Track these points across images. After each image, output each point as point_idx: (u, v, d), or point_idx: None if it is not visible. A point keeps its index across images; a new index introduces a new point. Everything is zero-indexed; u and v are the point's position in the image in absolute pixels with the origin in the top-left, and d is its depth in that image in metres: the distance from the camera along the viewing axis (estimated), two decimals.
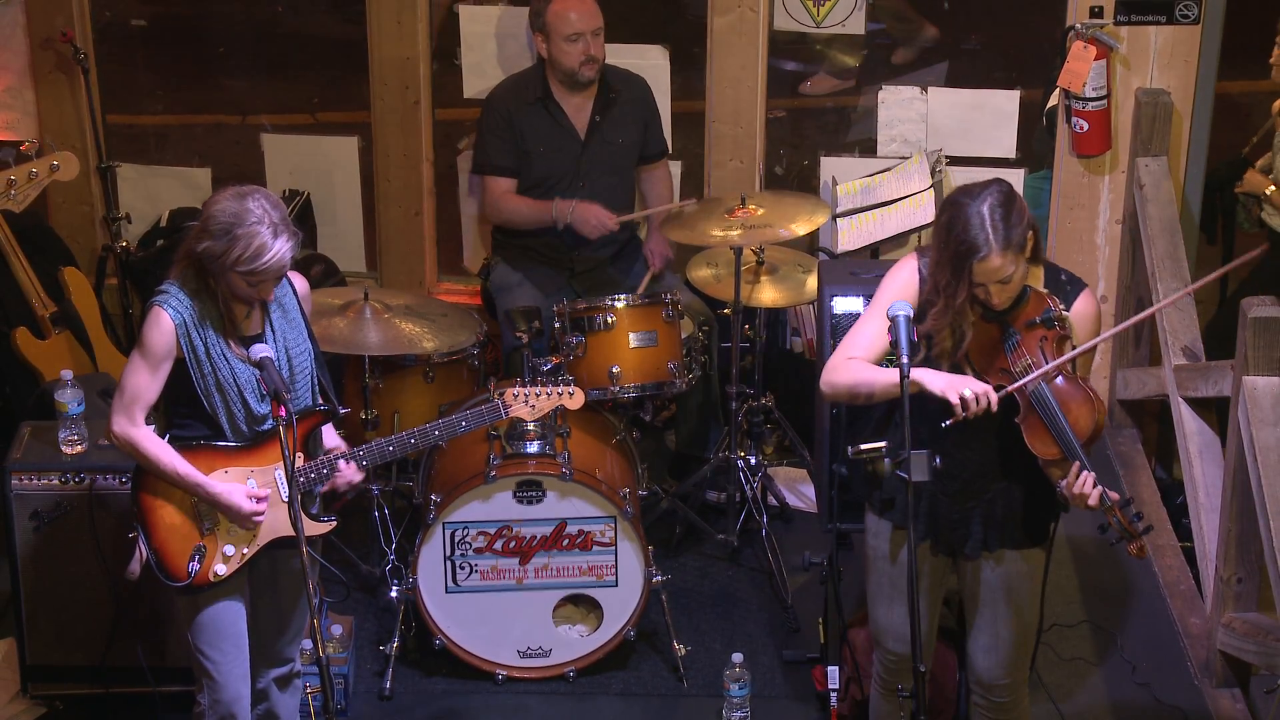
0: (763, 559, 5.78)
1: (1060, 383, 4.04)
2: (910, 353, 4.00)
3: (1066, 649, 5.44)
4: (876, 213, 6.16)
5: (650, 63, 6.47)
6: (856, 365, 4.19)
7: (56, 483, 4.96)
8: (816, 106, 7.05)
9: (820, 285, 5.02)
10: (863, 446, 4.13)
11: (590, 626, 5.33)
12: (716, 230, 5.57)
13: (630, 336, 5.48)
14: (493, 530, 5.19)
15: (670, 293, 5.60)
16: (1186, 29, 6.17)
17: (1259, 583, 5.07)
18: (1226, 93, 6.49)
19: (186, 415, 4.27)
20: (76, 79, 6.50)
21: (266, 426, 4.29)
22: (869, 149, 6.61)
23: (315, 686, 4.91)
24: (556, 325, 5.55)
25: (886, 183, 6.29)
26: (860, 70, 6.82)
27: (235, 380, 4.22)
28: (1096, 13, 6.13)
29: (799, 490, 6.17)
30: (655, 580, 5.25)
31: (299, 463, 4.26)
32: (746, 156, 6.50)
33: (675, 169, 6.49)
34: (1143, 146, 6.16)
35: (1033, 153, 6.58)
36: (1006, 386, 4.04)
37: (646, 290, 5.99)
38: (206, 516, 4.29)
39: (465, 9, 6.54)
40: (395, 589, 5.32)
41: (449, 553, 5.19)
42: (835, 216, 6.20)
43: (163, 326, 4.15)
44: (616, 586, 5.26)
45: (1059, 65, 6.15)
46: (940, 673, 4.88)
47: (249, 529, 4.30)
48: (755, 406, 5.92)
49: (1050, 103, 6.39)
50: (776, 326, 6.44)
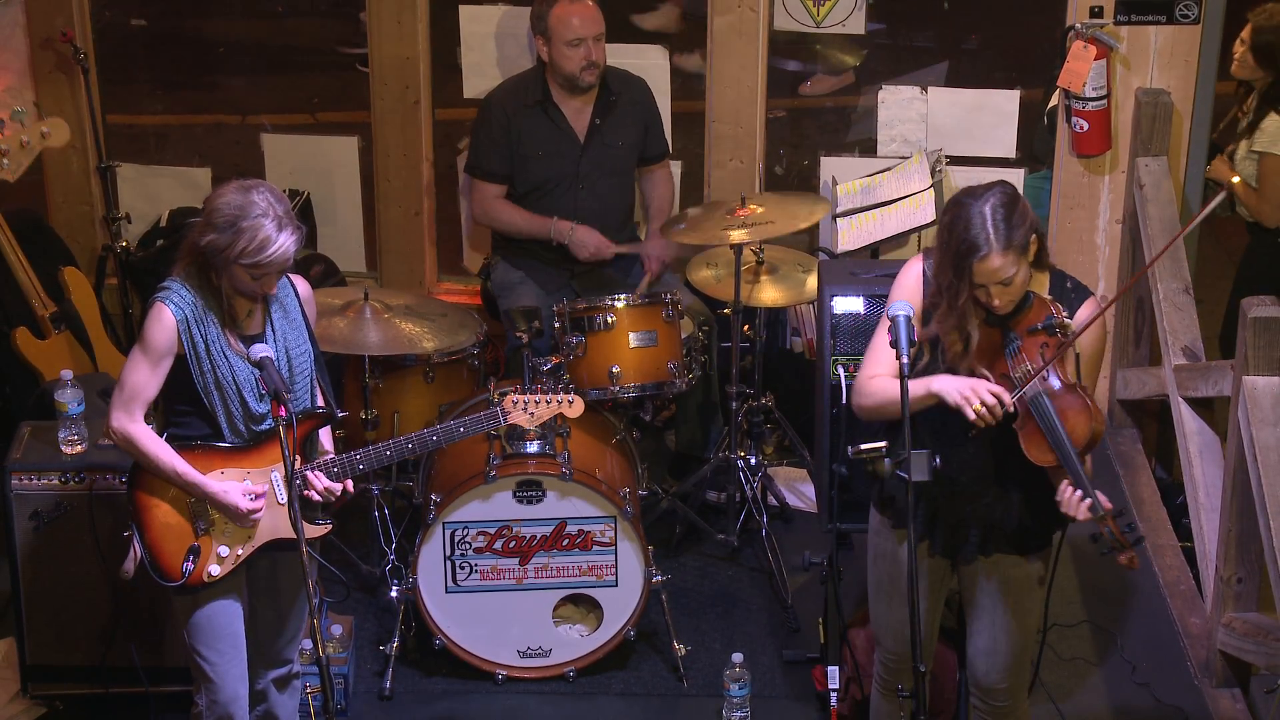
0: (763, 559, 5.79)
1: (1059, 390, 4.02)
2: (910, 352, 4.00)
3: (1066, 649, 5.44)
4: (876, 213, 6.16)
5: (650, 62, 6.47)
6: (880, 383, 4.17)
7: (56, 483, 4.96)
8: (816, 106, 7.06)
9: (820, 285, 5.01)
10: (863, 446, 4.13)
11: (590, 626, 5.33)
12: (716, 230, 5.57)
13: (630, 336, 5.48)
14: (493, 530, 5.19)
15: (670, 293, 5.60)
16: (1186, 29, 6.17)
17: (1259, 583, 5.07)
18: (1227, 93, 6.49)
19: (185, 414, 4.27)
20: (76, 79, 6.50)
21: (264, 427, 4.29)
22: (869, 149, 6.61)
23: (315, 686, 4.91)
24: (556, 325, 5.55)
25: (886, 183, 6.29)
26: (860, 70, 6.83)
27: (234, 379, 4.22)
28: (1096, 13, 6.13)
29: (799, 490, 6.17)
30: (655, 580, 5.25)
31: (296, 465, 4.26)
32: (746, 156, 6.50)
33: (675, 169, 6.49)
34: (1143, 146, 6.16)
35: (1033, 153, 6.59)
36: (1008, 393, 4.03)
37: (645, 292, 5.99)
38: (201, 517, 4.29)
39: (465, 9, 6.55)
40: (395, 589, 5.32)
41: (449, 553, 5.19)
42: (835, 216, 6.20)
43: (164, 322, 4.15)
44: (616, 586, 5.26)
45: (1060, 65, 6.15)
46: (940, 673, 4.88)
47: (247, 528, 4.30)
48: (755, 406, 5.91)
49: (1051, 103, 6.40)
50: (776, 326, 6.44)
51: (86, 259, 6.66)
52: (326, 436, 4.47)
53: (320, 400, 4.40)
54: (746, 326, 5.89)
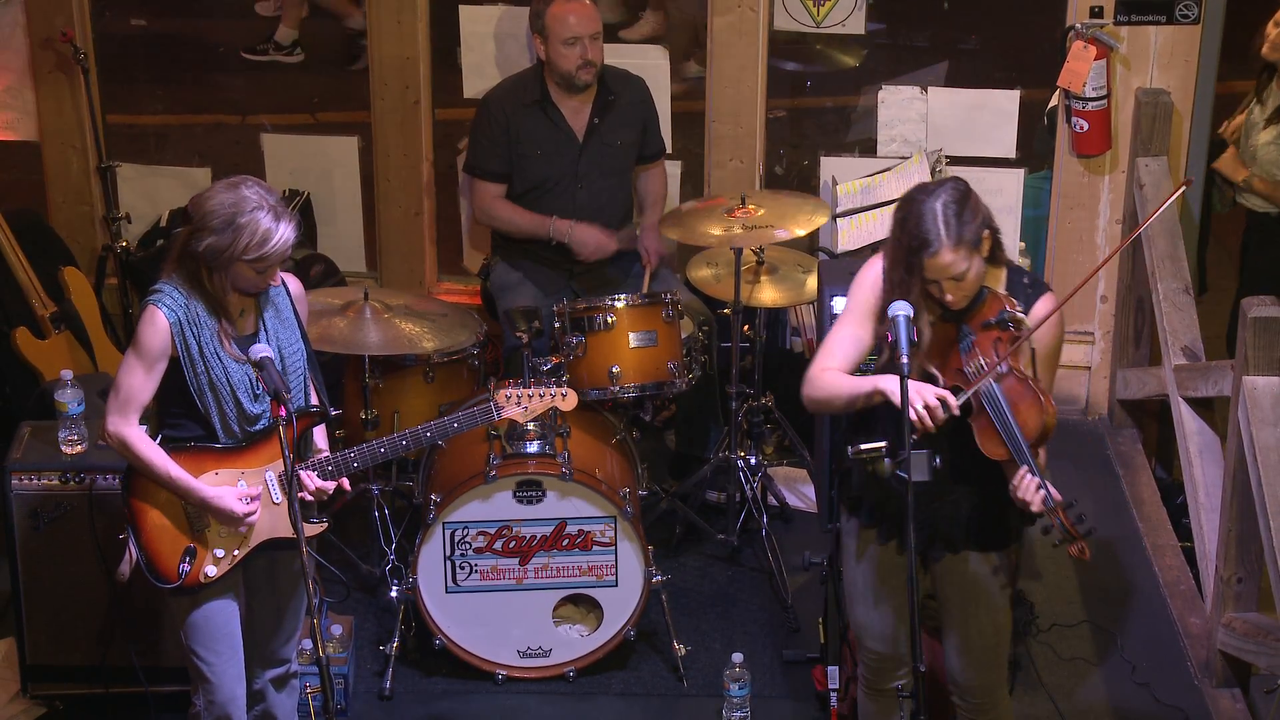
0: (763, 559, 5.78)
1: (1011, 384, 4.02)
2: (910, 352, 4.00)
3: (1066, 649, 5.44)
4: (876, 213, 6.15)
5: (650, 62, 6.47)
6: (831, 377, 4.20)
7: (56, 483, 4.96)
8: (816, 106, 7.06)
9: (820, 285, 5.02)
10: (863, 446, 4.13)
11: (590, 626, 5.33)
12: (716, 230, 5.57)
13: (630, 336, 5.48)
14: (493, 530, 5.19)
15: (670, 293, 5.60)
16: (1186, 29, 6.17)
17: (1259, 583, 5.07)
18: (1227, 93, 6.49)
19: (179, 415, 4.27)
20: (76, 79, 6.50)
21: (258, 427, 4.29)
22: (869, 149, 6.61)
23: (315, 686, 4.91)
24: (556, 325, 5.55)
25: (886, 183, 6.29)
26: (860, 70, 6.83)
27: (228, 380, 4.21)
28: (1096, 13, 6.13)
29: (799, 490, 6.17)
30: (655, 580, 5.25)
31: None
32: (746, 156, 6.50)
33: (675, 169, 6.49)
34: (1143, 146, 6.16)
35: (1034, 152, 6.59)
36: (962, 389, 4.03)
37: (646, 287, 6.00)
38: (197, 518, 4.29)
39: (465, 9, 6.54)
40: (395, 589, 5.32)
41: (449, 553, 5.19)
42: (835, 216, 6.20)
43: (158, 325, 4.15)
44: (616, 586, 5.26)
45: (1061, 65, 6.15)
46: (940, 672, 4.87)
47: (242, 531, 4.30)
48: (755, 406, 5.91)
49: (1051, 102, 6.40)
50: (776, 326, 6.44)
51: (86, 259, 6.66)
52: (321, 436, 4.47)
53: (314, 399, 4.40)
54: (746, 326, 5.89)
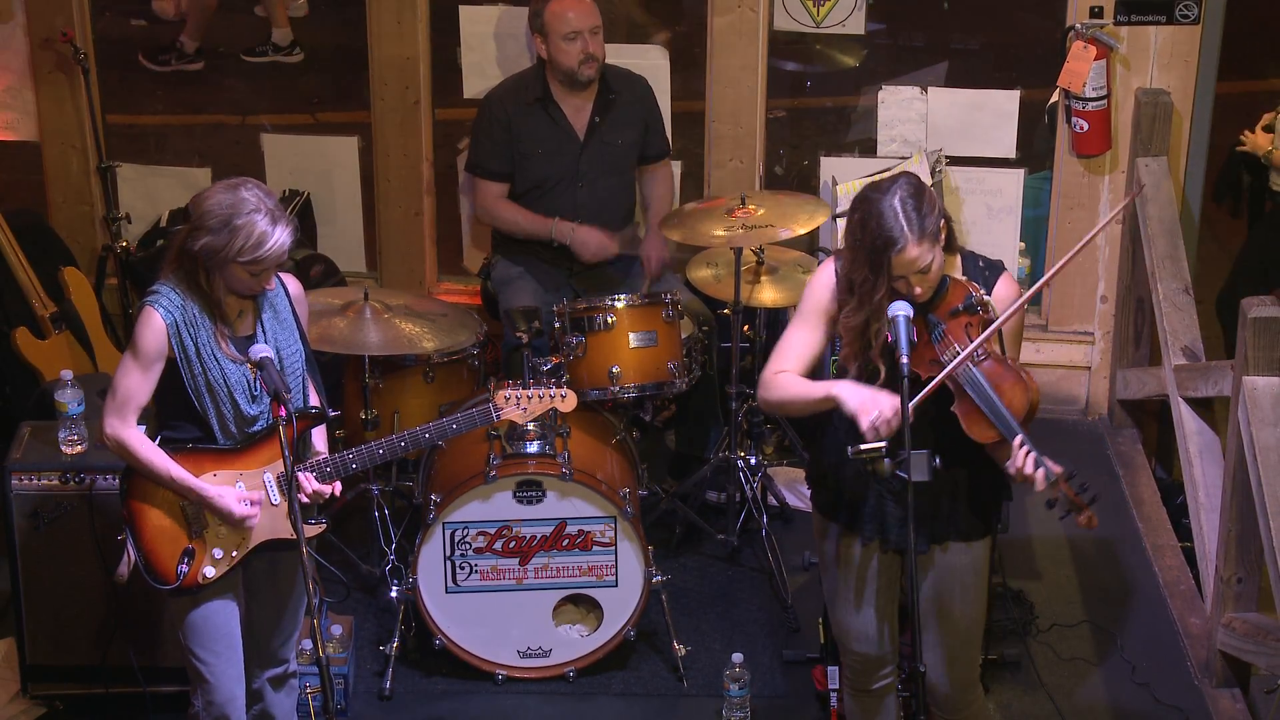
0: (763, 559, 5.78)
1: (989, 365, 4.04)
2: (910, 352, 4.00)
3: (1066, 649, 5.44)
4: None
5: (650, 62, 6.47)
6: (785, 380, 4.19)
7: (56, 483, 4.96)
8: (816, 106, 7.06)
9: None
10: (862, 447, 4.12)
11: (590, 626, 5.33)
12: (717, 230, 5.57)
13: (630, 336, 5.48)
14: (493, 530, 5.19)
15: (670, 293, 5.60)
16: (1186, 29, 6.17)
17: (1259, 583, 5.07)
18: (1227, 93, 6.49)
19: (177, 417, 4.27)
20: (76, 79, 6.50)
21: (256, 428, 4.28)
22: (869, 149, 6.61)
23: (315, 686, 4.91)
24: (556, 325, 5.55)
25: None
26: (860, 70, 6.82)
27: (225, 381, 4.21)
28: (1096, 13, 6.13)
29: (799, 490, 6.17)
30: (655, 580, 5.25)
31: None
32: (746, 156, 6.50)
33: (675, 169, 6.49)
34: (1143, 146, 6.16)
35: (1034, 152, 6.59)
36: (937, 376, 4.04)
37: (649, 283, 6.00)
38: (195, 519, 4.29)
39: (465, 9, 6.55)
40: (395, 589, 5.32)
41: (449, 553, 5.19)
42: (835, 216, 6.20)
43: (155, 326, 4.15)
44: (616, 586, 5.26)
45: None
46: None
47: (241, 532, 4.29)
48: (755, 406, 5.92)
49: (1052, 99, 6.40)
50: (776, 326, 6.42)
51: (86, 259, 6.66)
52: (320, 437, 4.47)
53: (314, 400, 4.40)
54: (746, 326, 5.89)
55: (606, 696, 5.29)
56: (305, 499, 4.28)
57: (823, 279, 4.21)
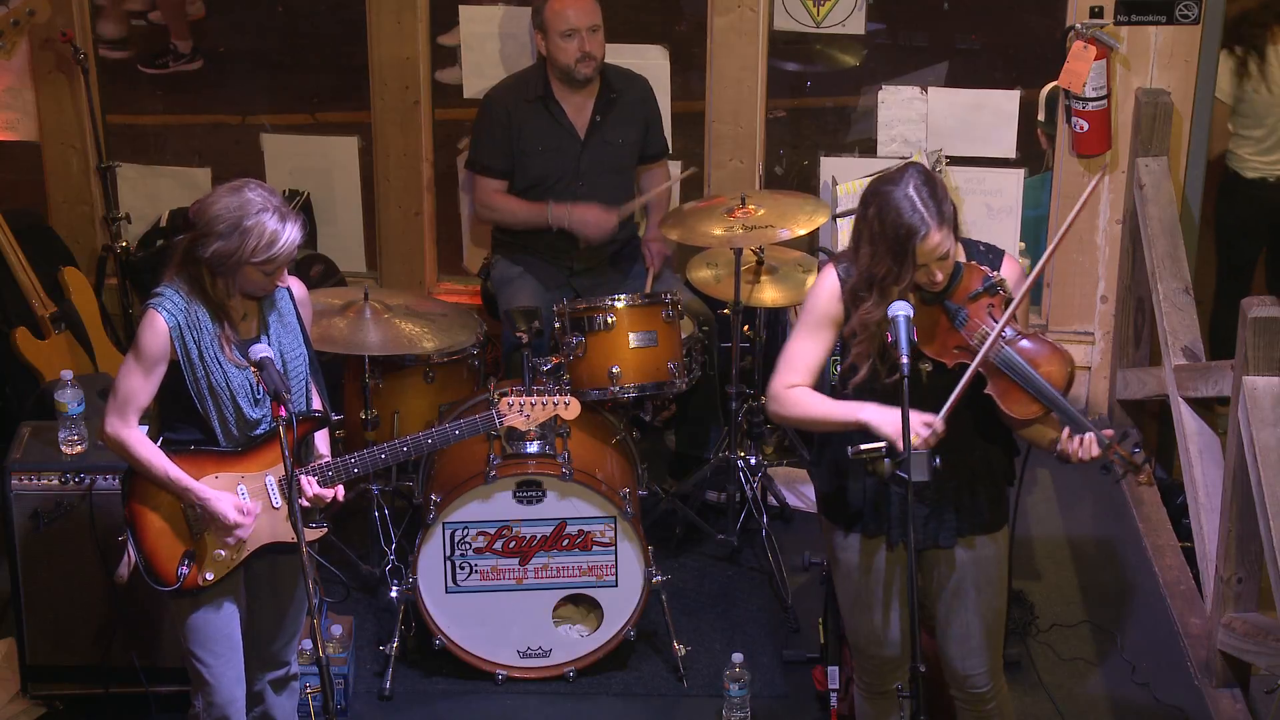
0: (763, 559, 5.78)
1: (1025, 344, 4.05)
2: (910, 352, 4.00)
3: (1066, 649, 5.44)
4: None
5: (650, 62, 6.47)
6: (801, 397, 4.18)
7: (56, 483, 4.96)
8: (816, 106, 7.06)
9: None
10: (863, 447, 4.12)
11: (590, 626, 5.33)
12: (717, 230, 5.57)
13: (630, 336, 5.48)
14: (493, 530, 5.19)
15: (670, 293, 5.60)
16: (1186, 29, 6.17)
17: (1259, 583, 5.07)
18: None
19: (180, 419, 4.27)
20: (76, 79, 6.50)
21: (259, 431, 4.28)
22: (869, 149, 6.61)
23: (315, 687, 4.91)
24: (556, 325, 5.55)
25: None
26: (860, 70, 6.82)
27: (228, 384, 4.21)
28: (1096, 13, 6.13)
29: (799, 490, 6.17)
30: (655, 580, 5.25)
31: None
32: (746, 156, 6.50)
33: (675, 169, 6.49)
34: (1143, 146, 6.16)
35: (1034, 152, 6.59)
36: (971, 362, 4.03)
37: (649, 288, 6.00)
38: (196, 522, 4.28)
39: (465, 9, 6.55)
40: (395, 589, 5.32)
41: (449, 553, 5.19)
42: (835, 216, 6.20)
43: (158, 329, 4.14)
44: (616, 586, 5.26)
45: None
46: (939, 672, 4.87)
47: (231, 542, 4.29)
48: (755, 406, 5.92)
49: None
50: (776, 326, 6.43)
51: (86, 259, 6.66)
52: (323, 440, 4.46)
53: (316, 404, 4.39)
54: (746, 326, 5.89)
55: (606, 696, 5.29)
56: (306, 503, 4.27)
57: (826, 285, 4.18)
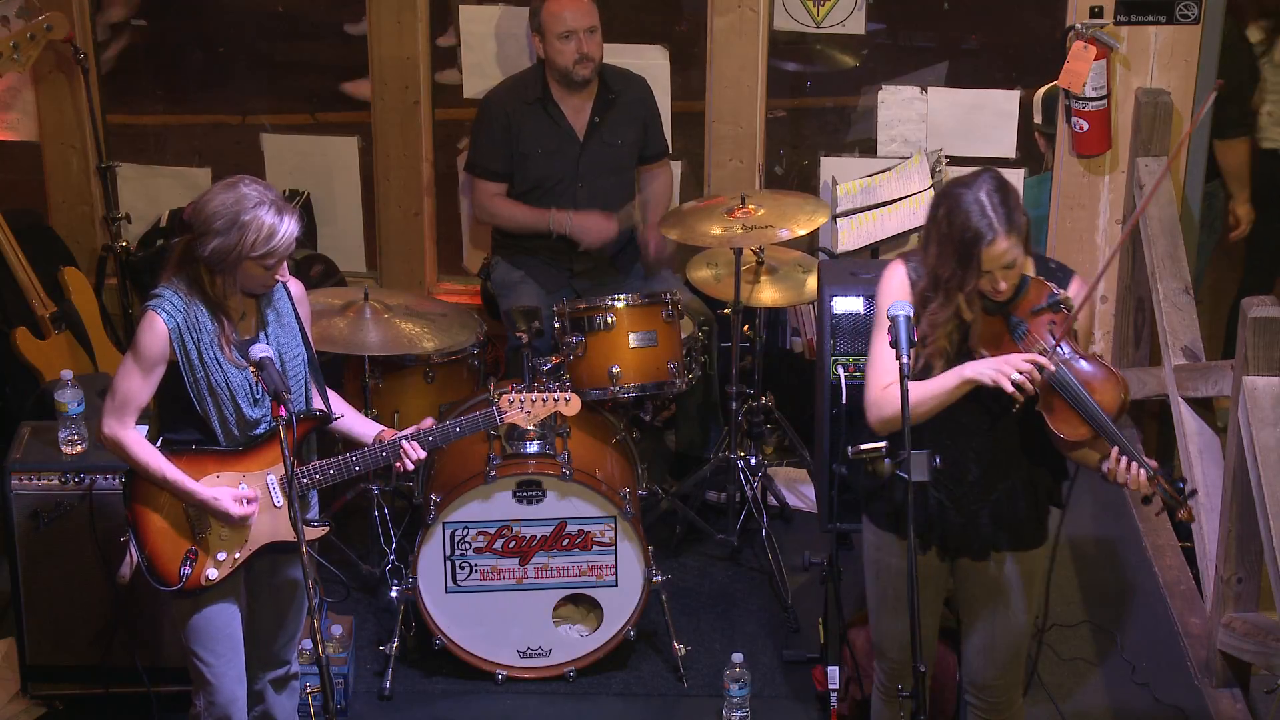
0: (763, 559, 5.78)
1: (1081, 365, 4.01)
2: (910, 352, 3.99)
3: (1066, 649, 5.44)
4: (876, 213, 6.16)
5: (650, 62, 6.47)
6: (897, 391, 4.12)
7: (56, 483, 4.96)
8: (816, 106, 7.05)
9: (820, 285, 5.01)
10: (863, 446, 4.13)
11: (590, 626, 5.33)
12: (716, 230, 5.57)
13: (630, 336, 5.48)
14: (493, 530, 5.19)
15: (670, 293, 5.60)
16: (1186, 29, 6.17)
17: (1259, 583, 5.07)
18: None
19: (180, 419, 4.27)
20: (76, 79, 6.50)
21: (259, 431, 4.28)
22: (869, 149, 6.61)
23: (315, 686, 4.91)
24: (556, 325, 5.56)
25: (886, 183, 6.29)
26: (860, 70, 6.82)
27: (228, 385, 4.21)
28: (1096, 13, 6.13)
29: (799, 490, 6.17)
30: (655, 580, 5.25)
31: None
32: (746, 156, 6.50)
33: (675, 169, 6.49)
34: (1143, 146, 6.16)
35: (1034, 153, 6.59)
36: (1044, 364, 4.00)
37: (648, 274, 6.00)
38: (198, 521, 4.29)
39: (465, 9, 6.55)
40: (395, 589, 5.32)
41: (449, 553, 5.19)
42: (835, 216, 6.20)
43: (157, 330, 4.15)
44: (616, 586, 5.26)
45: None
46: (941, 673, 4.88)
47: (238, 530, 4.29)
48: (755, 406, 5.92)
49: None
50: (776, 326, 6.44)
51: (86, 259, 6.66)
52: (363, 422, 4.48)
53: (316, 402, 4.39)
54: (746, 326, 5.89)
55: (606, 696, 5.29)
56: (410, 466, 4.34)
57: (894, 284, 4.16)
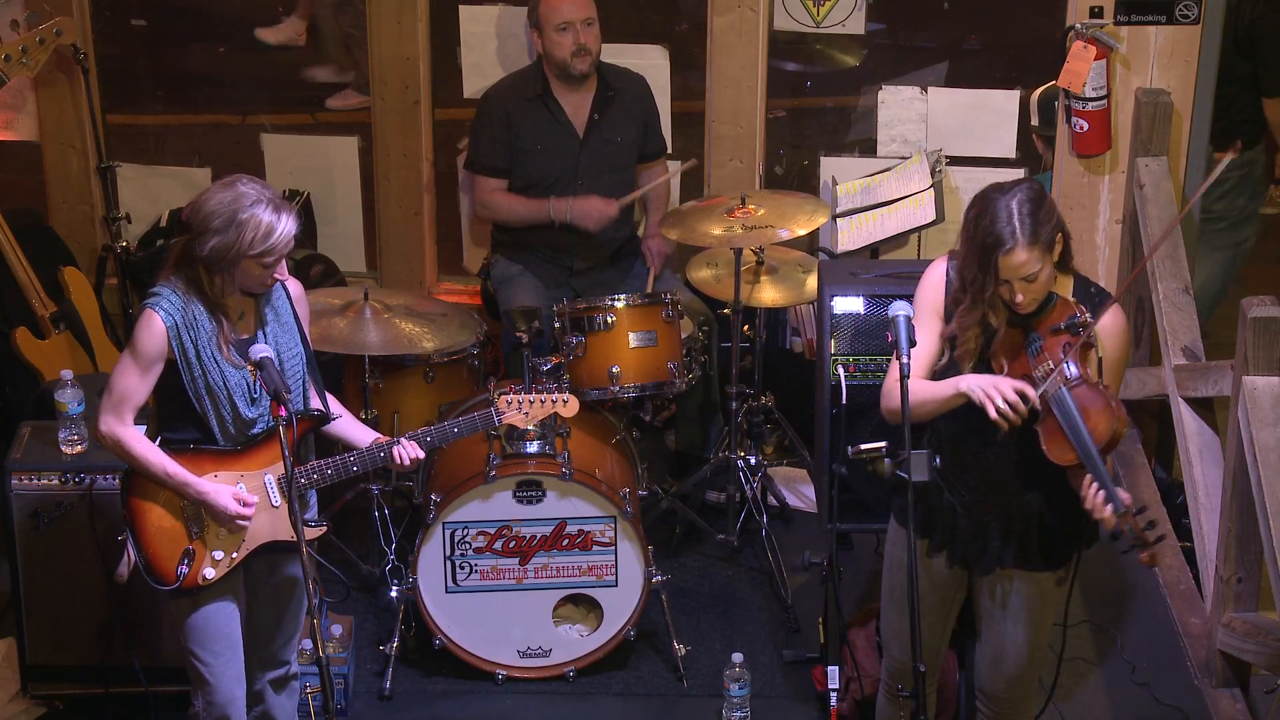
0: (763, 559, 5.79)
1: (1082, 388, 3.98)
2: (910, 352, 4.00)
3: (1066, 649, 5.43)
4: (876, 213, 6.16)
5: (650, 62, 6.47)
6: (912, 384, 4.13)
7: (56, 483, 4.96)
8: (816, 106, 7.06)
9: (820, 285, 5.01)
10: (863, 446, 4.13)
11: (590, 626, 5.33)
12: (716, 230, 5.57)
13: (630, 336, 5.48)
14: (493, 530, 5.19)
15: (670, 293, 5.60)
16: (1186, 29, 6.17)
17: (1259, 583, 5.07)
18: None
19: (177, 418, 4.27)
20: (76, 79, 6.50)
21: (256, 430, 4.29)
22: (869, 149, 6.61)
23: (315, 686, 4.91)
24: (556, 325, 5.56)
25: (886, 183, 6.29)
26: (860, 70, 6.82)
27: (225, 384, 4.21)
28: (1096, 13, 6.13)
29: (799, 490, 6.17)
30: (655, 580, 5.25)
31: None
32: (746, 156, 6.50)
33: (676, 167, 6.49)
34: (1143, 146, 6.16)
35: (1034, 153, 6.59)
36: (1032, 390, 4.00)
37: (651, 288, 6.00)
38: (195, 520, 4.29)
39: (465, 9, 6.55)
40: (395, 589, 5.32)
41: (449, 552, 5.19)
42: (835, 216, 6.20)
43: (154, 329, 4.15)
44: (616, 586, 5.26)
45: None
46: (942, 674, 4.88)
47: (234, 531, 4.29)
48: (755, 406, 5.92)
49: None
50: (776, 326, 6.44)
51: (86, 259, 6.66)
52: (361, 429, 4.48)
53: (315, 403, 4.39)
54: (746, 326, 5.89)
55: (606, 696, 5.29)
56: (409, 465, 4.35)
57: (933, 278, 4.18)
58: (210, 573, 4.29)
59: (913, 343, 4.02)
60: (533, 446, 5.21)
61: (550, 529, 5.19)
